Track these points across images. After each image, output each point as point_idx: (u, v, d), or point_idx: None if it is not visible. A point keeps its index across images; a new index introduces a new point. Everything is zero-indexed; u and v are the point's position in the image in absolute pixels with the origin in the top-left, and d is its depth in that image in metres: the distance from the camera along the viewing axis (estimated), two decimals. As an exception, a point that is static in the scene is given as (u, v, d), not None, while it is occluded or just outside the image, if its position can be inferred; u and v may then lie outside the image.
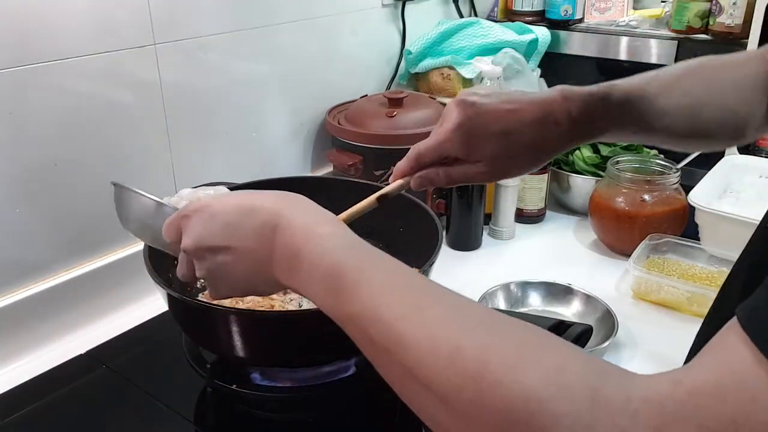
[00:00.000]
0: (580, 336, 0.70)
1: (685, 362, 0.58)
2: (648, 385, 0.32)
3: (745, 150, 1.27)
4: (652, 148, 1.16)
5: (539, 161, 0.62)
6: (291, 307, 0.76)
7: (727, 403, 0.30)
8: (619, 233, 1.04)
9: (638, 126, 0.62)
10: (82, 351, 0.85)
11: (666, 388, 0.32)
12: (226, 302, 0.75)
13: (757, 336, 0.30)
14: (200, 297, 0.79)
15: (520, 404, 0.33)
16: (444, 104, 1.23)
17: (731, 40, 1.27)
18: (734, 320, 0.32)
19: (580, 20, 1.49)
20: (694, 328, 0.58)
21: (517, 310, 0.90)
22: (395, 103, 1.16)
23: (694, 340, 0.57)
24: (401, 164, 0.64)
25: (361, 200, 0.64)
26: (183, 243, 0.52)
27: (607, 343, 0.80)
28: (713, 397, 0.30)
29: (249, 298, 0.76)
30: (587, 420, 0.31)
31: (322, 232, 0.46)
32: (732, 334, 0.31)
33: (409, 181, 0.63)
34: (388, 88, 1.41)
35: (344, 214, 0.62)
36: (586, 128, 0.60)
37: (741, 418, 0.29)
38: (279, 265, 0.48)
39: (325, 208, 0.50)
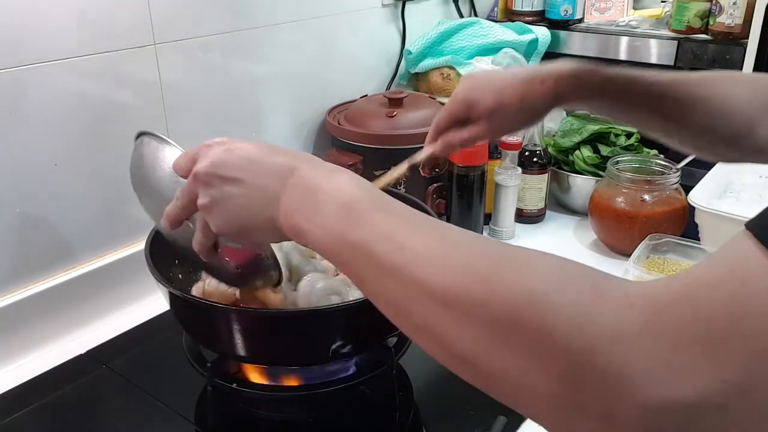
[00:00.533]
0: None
1: None
2: (646, 283, 0.34)
3: (745, 150, 1.27)
4: (651, 146, 1.16)
5: (528, 118, 0.69)
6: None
7: (720, 290, 0.30)
8: (619, 233, 1.04)
9: (623, 100, 0.66)
10: (82, 351, 0.85)
11: (663, 283, 0.33)
12: (226, 300, 0.75)
13: (755, 228, 0.31)
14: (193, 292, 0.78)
15: (525, 297, 0.34)
16: (444, 104, 1.23)
17: (731, 40, 1.27)
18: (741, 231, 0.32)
19: (580, 20, 1.49)
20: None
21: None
22: (395, 103, 1.16)
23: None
24: (428, 135, 0.72)
25: None
26: (196, 167, 0.53)
27: (607, 343, 0.80)
28: (706, 285, 0.31)
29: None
30: (588, 310, 0.32)
31: (342, 176, 0.48)
32: (734, 239, 0.32)
33: (435, 148, 0.72)
34: (388, 88, 1.41)
35: (380, 182, 0.72)
36: (569, 88, 0.65)
37: (734, 305, 0.29)
38: (286, 204, 0.48)
39: None
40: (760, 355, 0.29)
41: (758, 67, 1.22)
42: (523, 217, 1.16)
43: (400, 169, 0.74)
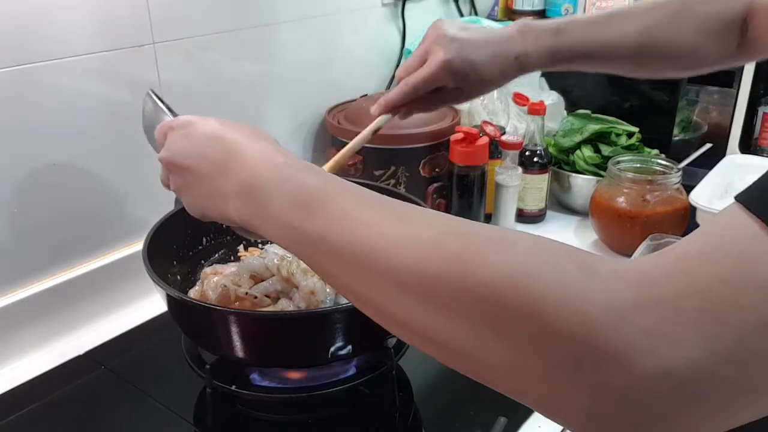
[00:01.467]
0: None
1: None
2: (635, 260, 0.33)
3: (746, 150, 1.27)
4: (652, 146, 1.15)
5: (494, 87, 0.77)
6: (291, 308, 0.76)
7: (714, 262, 0.30)
8: (620, 233, 1.04)
9: (583, 65, 0.75)
10: (81, 352, 0.85)
11: (652, 258, 0.32)
12: (225, 302, 0.75)
13: (748, 200, 0.31)
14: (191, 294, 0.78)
15: (507, 278, 0.32)
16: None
17: (732, 40, 1.27)
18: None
19: (581, 19, 1.48)
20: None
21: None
22: (395, 102, 1.15)
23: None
24: (393, 97, 0.74)
25: None
26: (160, 154, 0.55)
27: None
28: (699, 258, 0.31)
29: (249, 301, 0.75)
30: (576, 288, 0.31)
31: (280, 160, 0.46)
32: (723, 213, 0.32)
33: (396, 113, 0.75)
34: (388, 87, 1.41)
35: (343, 151, 0.73)
36: (539, 63, 0.74)
37: (730, 277, 0.29)
38: (234, 197, 0.47)
39: None
40: (756, 326, 0.29)
41: (759, 66, 1.22)
42: (523, 217, 1.15)
43: (362, 136, 0.74)
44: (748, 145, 1.29)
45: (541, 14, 1.50)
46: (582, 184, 1.14)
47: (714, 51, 0.73)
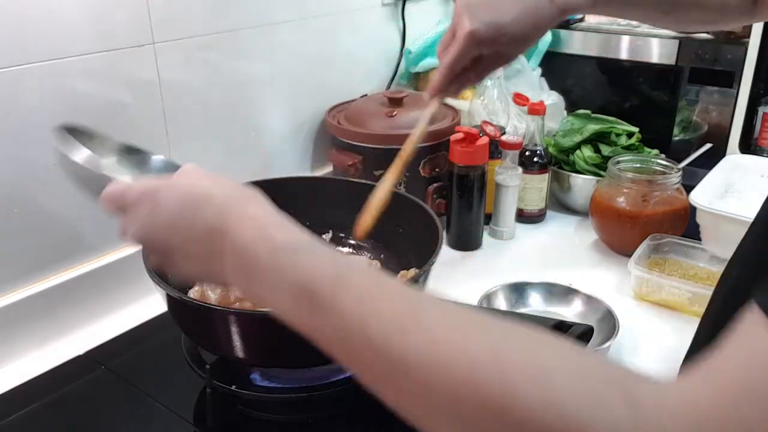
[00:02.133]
0: (581, 337, 0.69)
1: (683, 363, 0.58)
2: (679, 388, 0.32)
3: (746, 150, 1.27)
4: (652, 146, 1.15)
5: (536, 38, 0.72)
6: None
7: (758, 391, 0.29)
8: (620, 233, 1.04)
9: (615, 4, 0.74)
10: (81, 352, 0.85)
11: (696, 385, 0.31)
12: (225, 302, 0.75)
13: None
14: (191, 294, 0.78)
15: (554, 416, 0.31)
16: (443, 104, 1.23)
17: (732, 40, 1.27)
18: (753, 307, 0.31)
19: (581, 19, 1.48)
20: (695, 328, 0.57)
21: (517, 311, 0.90)
22: (395, 102, 1.15)
23: (692, 340, 0.57)
24: (437, 81, 0.72)
25: (372, 194, 0.66)
26: (132, 230, 0.49)
27: (608, 344, 0.79)
28: (748, 392, 0.30)
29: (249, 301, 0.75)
30: (629, 428, 0.30)
31: (276, 239, 0.42)
32: (753, 322, 0.31)
33: (449, 94, 0.74)
34: (388, 87, 1.40)
35: (408, 146, 0.73)
36: (576, 3, 0.71)
37: None
38: (234, 274, 0.44)
39: (327, 208, 0.49)
40: None
41: (759, 66, 1.22)
42: (523, 217, 1.15)
43: (422, 127, 0.74)
44: (748, 145, 1.29)
45: None
46: (582, 184, 1.14)
47: (735, 6, 0.72)
